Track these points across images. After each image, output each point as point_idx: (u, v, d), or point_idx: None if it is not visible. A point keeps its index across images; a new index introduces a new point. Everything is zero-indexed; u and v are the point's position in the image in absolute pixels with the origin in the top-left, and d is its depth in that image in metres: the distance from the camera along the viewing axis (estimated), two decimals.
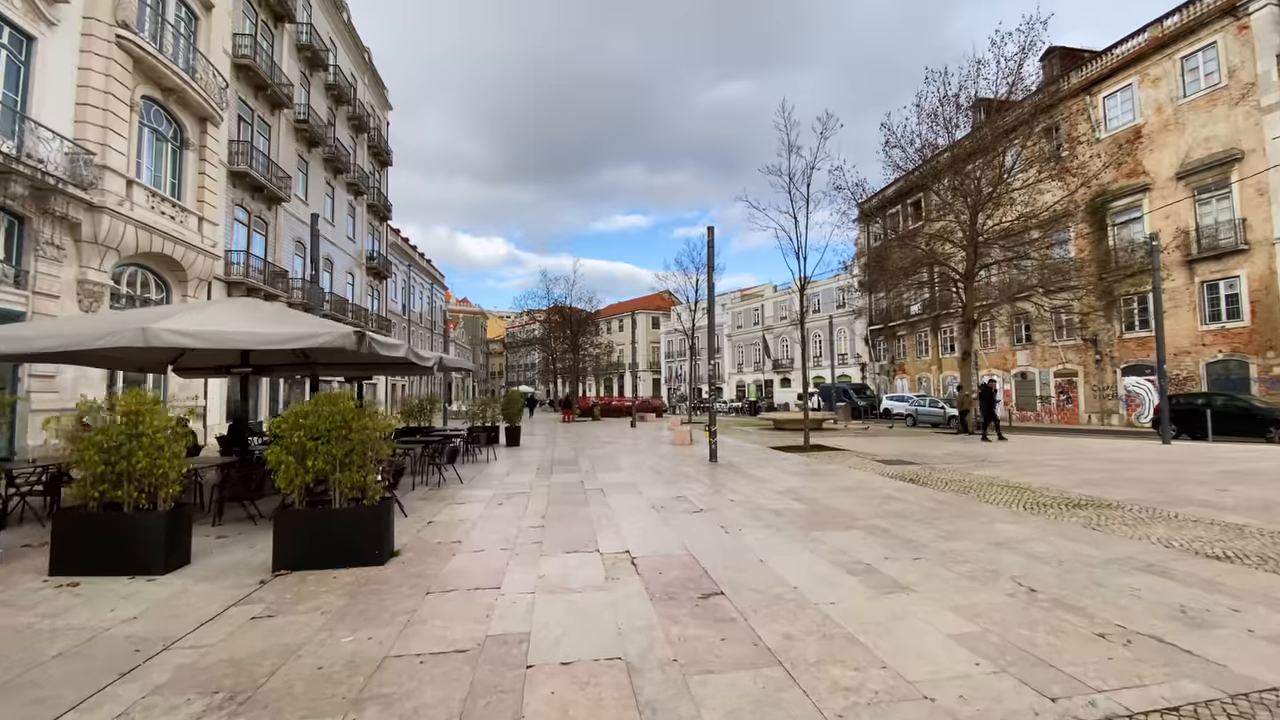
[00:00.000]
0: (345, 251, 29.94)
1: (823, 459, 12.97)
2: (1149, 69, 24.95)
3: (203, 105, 16.65)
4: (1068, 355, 28.27)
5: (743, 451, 14.92)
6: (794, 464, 12.23)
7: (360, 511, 5.61)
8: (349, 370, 13.22)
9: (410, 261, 43.73)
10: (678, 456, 13.98)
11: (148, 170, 15.34)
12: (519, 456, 14.57)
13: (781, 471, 11.10)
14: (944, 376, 35.51)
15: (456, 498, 8.93)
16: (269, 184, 20.82)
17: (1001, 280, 22.39)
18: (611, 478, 10.61)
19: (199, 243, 16.58)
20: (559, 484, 9.99)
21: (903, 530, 6.37)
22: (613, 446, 16.83)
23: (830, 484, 9.55)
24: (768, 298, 53.81)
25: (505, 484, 10.15)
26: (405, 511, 7.80)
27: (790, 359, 50.66)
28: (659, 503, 8.13)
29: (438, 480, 10.32)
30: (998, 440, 16.46)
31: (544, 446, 17.03)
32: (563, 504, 8.19)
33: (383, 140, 36.19)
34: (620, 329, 64.17)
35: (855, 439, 18.38)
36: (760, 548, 5.71)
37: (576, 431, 23.92)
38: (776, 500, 8.18)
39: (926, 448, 15.44)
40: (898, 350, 40.12)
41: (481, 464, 13.10)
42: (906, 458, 13.03)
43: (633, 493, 9.01)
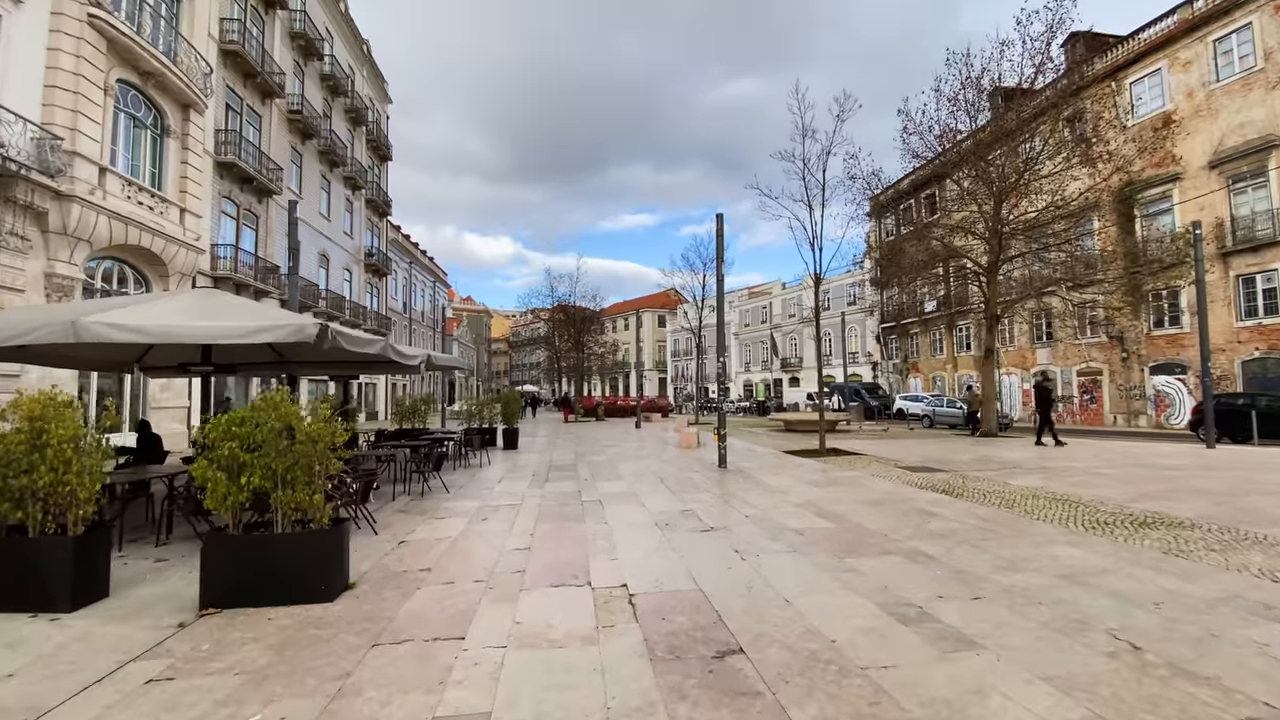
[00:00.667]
0: (342, 247, 29.16)
1: (841, 465, 12.00)
2: (1179, 52, 23.80)
3: (184, 91, 15.85)
4: (1091, 353, 27.13)
5: (754, 456, 13.97)
6: (811, 471, 11.28)
7: (305, 538, 4.73)
8: (332, 369, 12.38)
9: (411, 259, 42.98)
10: (684, 461, 13.05)
11: (124, 158, 14.55)
12: (515, 461, 13.68)
13: (798, 480, 10.14)
14: (959, 375, 34.41)
15: (439, 510, 8.05)
16: (259, 176, 20.03)
17: (1024, 274, 21.32)
18: (612, 487, 9.69)
19: (181, 235, 15.79)
20: (554, 494, 9.09)
21: (950, 557, 5.42)
22: (615, 450, 15.92)
23: (855, 495, 8.59)
24: (776, 295, 52.74)
25: (495, 494, 9.25)
26: (376, 528, 6.92)
27: (799, 358, 49.60)
28: (663, 518, 7.20)
29: (421, 489, 9.43)
30: (1054, 445, 14.98)
31: (543, 450, 16.13)
32: (555, 520, 7.28)
33: (382, 134, 35.42)
34: (626, 328, 63.30)
35: (873, 442, 17.39)
36: (784, 580, 4.77)
37: (579, 433, 23.02)
38: (796, 515, 7.23)
39: (951, 452, 14.43)
40: (911, 348, 39.02)
41: (474, 470, 12.22)
42: (932, 463, 12.04)
43: (634, 505, 8.09)
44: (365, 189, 32.05)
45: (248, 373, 12.67)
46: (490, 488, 9.88)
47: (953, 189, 21.24)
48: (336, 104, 28.51)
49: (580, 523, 7.04)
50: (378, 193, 34.16)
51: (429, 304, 48.13)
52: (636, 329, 28.75)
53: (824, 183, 14.17)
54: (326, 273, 27.19)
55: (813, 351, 47.83)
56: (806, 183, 14.34)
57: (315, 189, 25.93)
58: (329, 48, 27.12)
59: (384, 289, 35.82)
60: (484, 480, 10.71)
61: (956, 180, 20.16)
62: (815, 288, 14.30)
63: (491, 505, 8.28)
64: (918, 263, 21.94)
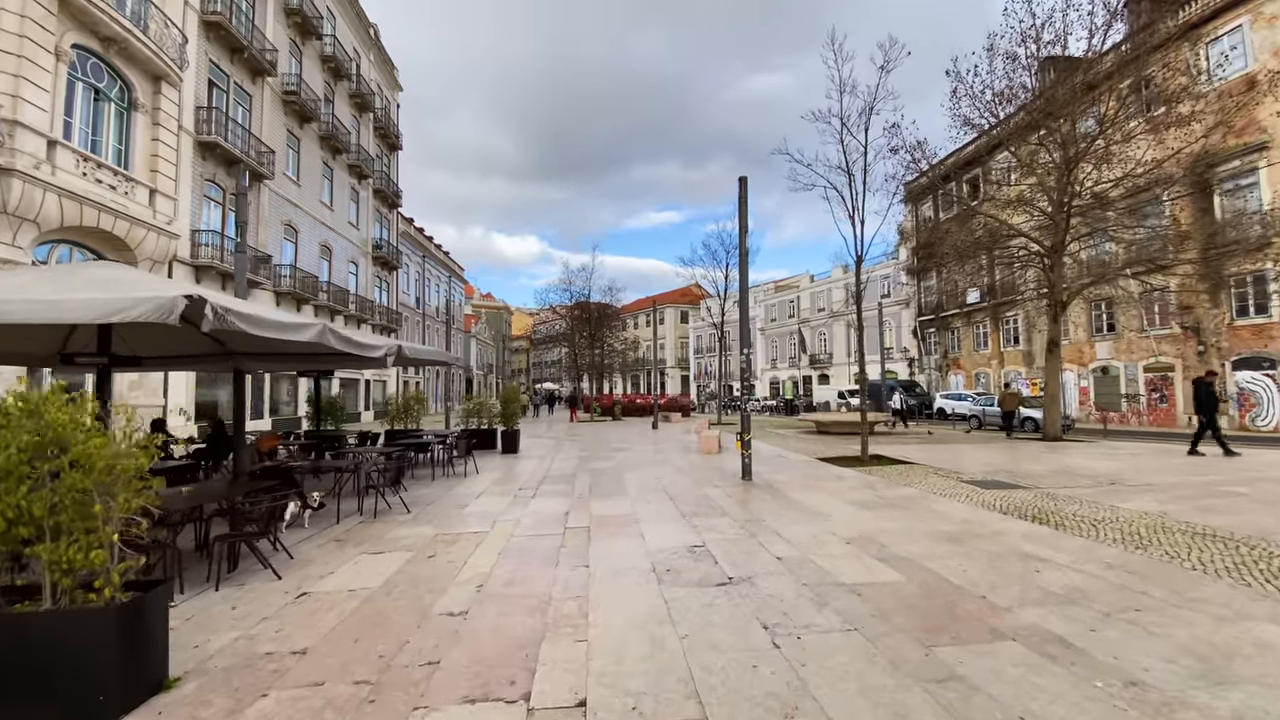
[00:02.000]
0: (347, 238, 27.86)
1: (891, 477, 9.97)
2: (1263, 7, 21.01)
3: (154, 61, 14.46)
4: (1161, 346, 24.37)
5: (784, 464, 12.00)
6: (855, 485, 9.28)
7: (84, 617, 3.00)
8: (290, 363, 10.78)
9: (425, 253, 41.73)
10: (702, 471, 11.15)
11: (81, 131, 13.18)
12: (509, 468, 11.94)
13: (842, 499, 8.16)
14: (1006, 371, 31.75)
15: (383, 539, 6.32)
16: (246, 158, 18.66)
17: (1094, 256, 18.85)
18: (609, 507, 7.85)
19: (150, 218, 14.41)
20: (534, 518, 7.28)
21: (1102, 645, 3.45)
22: (625, 454, 14.08)
23: (921, 524, 6.60)
24: (804, 289, 50.27)
25: (464, 516, 7.49)
26: (285, 568, 5.21)
27: (829, 354, 47.10)
28: (665, 560, 5.34)
29: (376, 507, 7.71)
30: (1225, 454, 11.94)
31: (544, 454, 14.38)
32: (520, 560, 5.47)
33: (392, 123, 34.12)
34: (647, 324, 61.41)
35: (919, 447, 15.24)
36: (846, 701, 2.87)
37: (590, 434, 21.26)
38: (848, 558, 5.30)
39: (1017, 460, 12.26)
40: (951, 343, 36.35)
41: (455, 480, 10.50)
42: (1002, 476, 9.93)
43: (631, 537, 6.24)
44: (372, 178, 30.74)
45: (182, 366, 11.17)
46: (463, 505, 8.12)
47: (1008, 160, 18.86)
48: (340, 88, 27.19)
49: (551, 568, 5.21)
50: (387, 183, 32.85)
51: (444, 299, 46.89)
52: (654, 323, 26.80)
53: (866, 144, 12.12)
54: (329, 264, 25.89)
55: (843, 347, 45.34)
56: (845, 146, 12.32)
57: (315, 176, 24.61)
58: (330, 28, 25.78)
59: (394, 283, 34.55)
60: (460, 495, 8.96)
61: (1013, 150, 17.79)
62: (856, 268, 12.24)
63: (450, 534, 6.51)
64: (967, 245, 19.57)
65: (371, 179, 30.72)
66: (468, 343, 56.05)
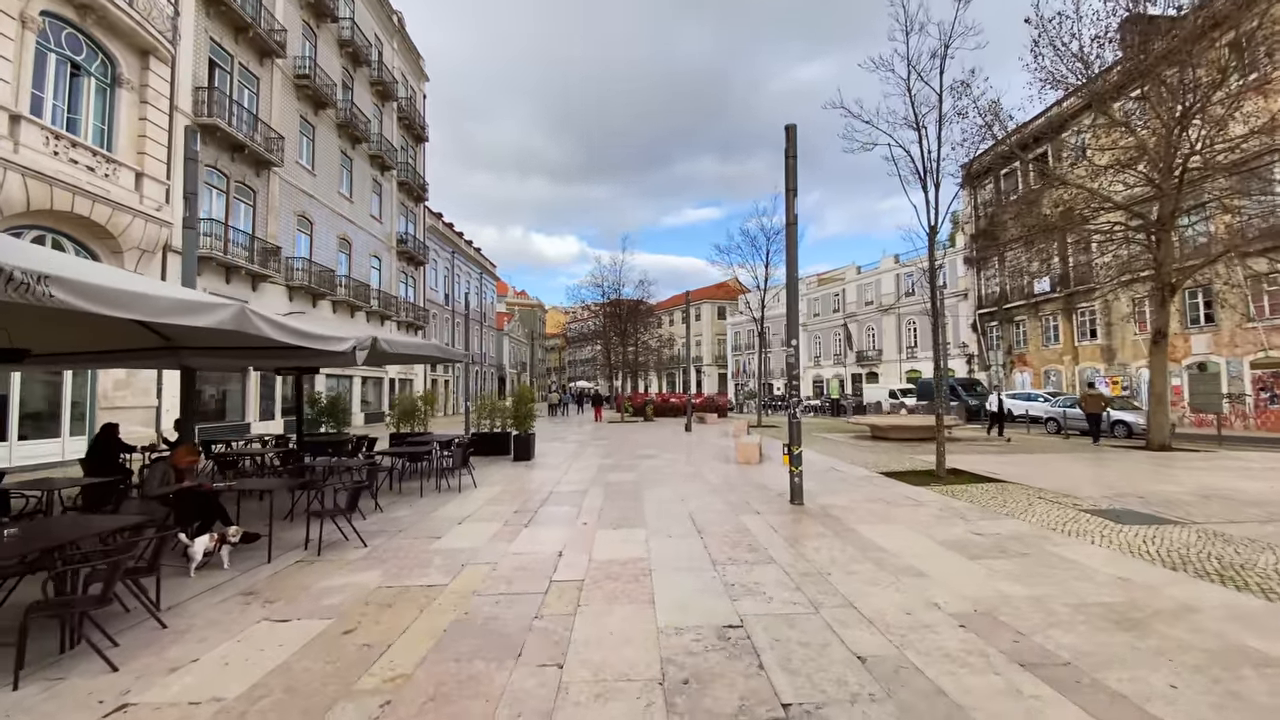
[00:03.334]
0: (369, 231, 26.80)
1: (983, 501, 7.85)
2: None
3: (139, 33, 13.33)
4: (1272, 339, 21.13)
5: (841, 482, 9.96)
6: (940, 514, 7.21)
7: None
8: (255, 359, 9.31)
9: (454, 248, 40.70)
10: (740, 488, 9.22)
11: (53, 106, 12.08)
12: (514, 480, 10.24)
13: (930, 537, 6.13)
14: (1081, 369, 28.60)
15: (311, 589, 4.71)
16: (252, 143, 17.55)
17: (1198, 231, 16.05)
18: (617, 544, 6.02)
19: (135, 204, 13.29)
20: (516, 562, 5.50)
21: None
22: (651, 464, 12.25)
23: (1059, 587, 4.54)
24: (849, 281, 47.37)
25: (429, 553, 5.78)
26: (120, 658, 3.56)
27: (878, 350, 44.14)
28: (681, 655, 3.47)
29: (321, 538, 6.07)
30: None
31: (560, 463, 12.66)
32: (467, 648, 3.69)
33: (417, 113, 33.05)
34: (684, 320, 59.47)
35: (1002, 458, 12.93)
36: None
37: (618, 436, 19.49)
38: (973, 665, 3.33)
39: (1133, 476, 9.90)
40: (1015, 338, 33.20)
41: (449, 494, 8.85)
42: (1131, 501, 7.69)
43: (637, 600, 4.39)
44: (396, 170, 29.67)
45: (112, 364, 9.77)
46: (436, 536, 6.42)
47: (1097, 124, 16.20)
48: (359, 75, 26.11)
49: (509, 662, 3.41)
50: (413, 176, 31.79)
51: (474, 296, 45.87)
52: (688, 317, 24.79)
53: (941, 90, 9.93)
54: (349, 258, 24.82)
55: (894, 343, 42.40)
56: (913, 96, 10.17)
57: (332, 165, 23.53)
58: (349, 11, 24.69)
59: (421, 279, 33.51)
60: (441, 519, 7.28)
61: (1107, 111, 15.17)
62: (930, 240, 10.07)
63: (396, 587, 4.80)
64: (1041, 226, 16.95)
65: (395, 171, 29.65)
66: (500, 341, 55.11)
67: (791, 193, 7.82)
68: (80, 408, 12.78)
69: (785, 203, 7.83)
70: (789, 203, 7.82)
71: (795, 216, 7.83)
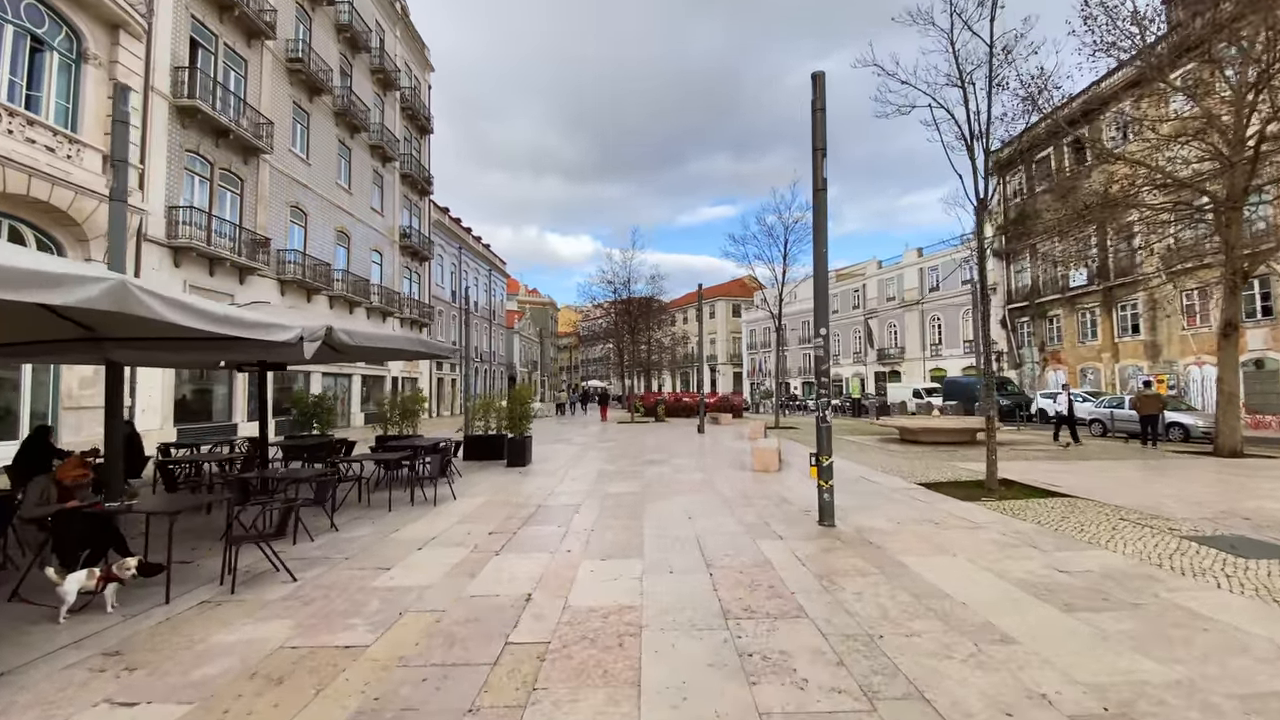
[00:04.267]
0: (369, 225, 25.84)
1: (1053, 523, 6.51)
2: None
3: (106, 5, 12.37)
4: None
5: (877, 495, 8.65)
6: (1005, 541, 5.89)
7: None
8: (192, 353, 8.20)
9: (461, 244, 39.76)
10: (758, 502, 7.96)
11: (11, 82, 11.13)
12: (500, 491, 9.06)
13: (1001, 576, 4.82)
14: (1122, 367, 26.82)
15: (193, 649, 3.57)
16: (238, 128, 16.60)
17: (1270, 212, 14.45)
18: (603, 583, 4.79)
19: (102, 188, 12.33)
20: (468, 610, 4.29)
21: None
22: (657, 471, 11.01)
23: (1212, 665, 3.23)
24: (870, 276, 45.65)
25: (366, 593, 4.59)
26: None
27: (900, 347, 42.40)
28: None
29: (235, 567, 4.92)
30: None
31: (557, 469, 11.47)
32: None
33: (421, 104, 32.10)
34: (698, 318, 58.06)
35: (1055, 465, 11.52)
36: None
37: (625, 438, 18.28)
38: None
39: (1223, 488, 8.47)
40: (1048, 334, 31.41)
41: (422, 507, 7.69)
42: (1237, 524, 6.30)
43: (617, 679, 3.15)
44: (398, 161, 28.72)
45: (23, 359, 8.72)
46: (385, 568, 5.25)
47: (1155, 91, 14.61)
48: (358, 62, 25.16)
49: None
50: (417, 168, 30.85)
51: (483, 294, 44.94)
52: (699, 312, 23.41)
53: (992, 41, 8.55)
54: (347, 251, 23.88)
55: (917, 340, 40.66)
56: (957, 50, 8.80)
57: (328, 155, 22.58)
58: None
59: (426, 275, 32.57)
60: (398, 543, 6.11)
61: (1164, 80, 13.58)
62: (978, 215, 8.69)
63: (305, 648, 3.62)
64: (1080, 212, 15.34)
65: (398, 163, 28.70)
66: (510, 339, 54.18)
67: (820, 152, 6.53)
68: (41, 407, 11.85)
69: (813, 164, 6.55)
70: (817, 164, 6.53)
71: (824, 181, 6.54)
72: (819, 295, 6.65)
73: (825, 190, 6.55)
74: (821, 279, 6.54)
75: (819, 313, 6.59)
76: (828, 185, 6.55)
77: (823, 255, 6.49)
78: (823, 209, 6.52)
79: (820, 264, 6.58)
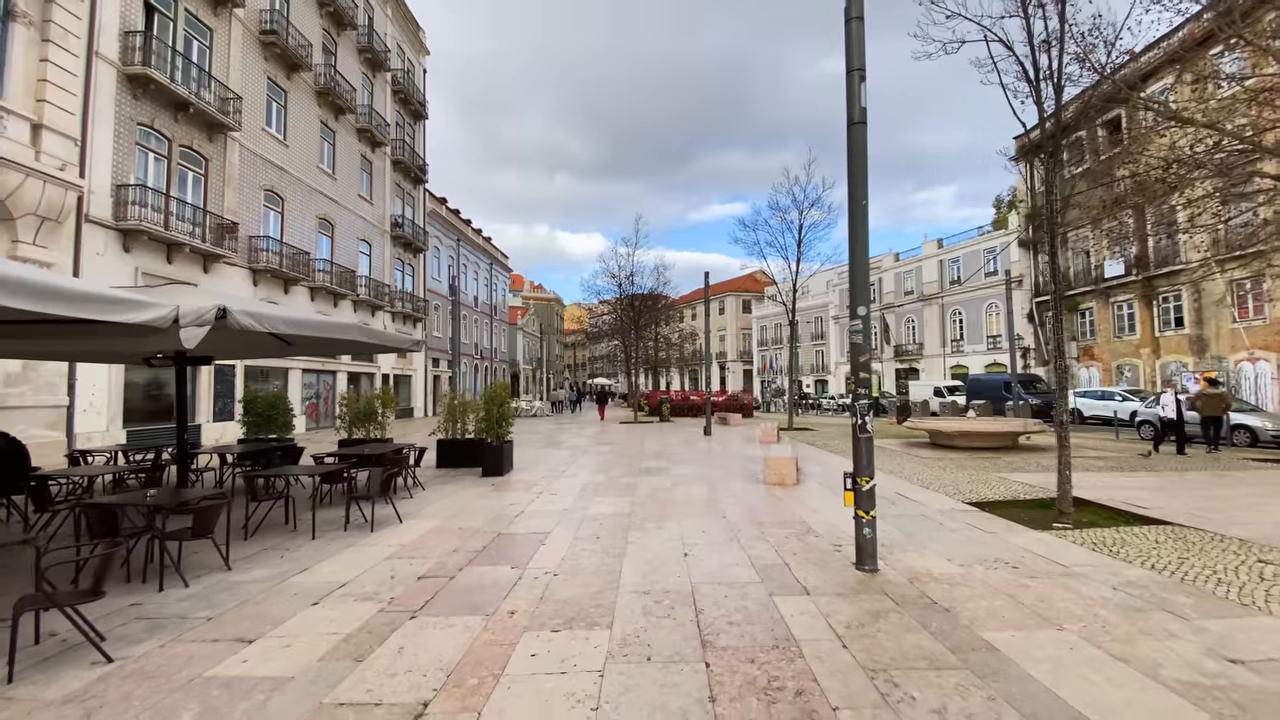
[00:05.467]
0: (355, 212, 24.39)
1: (1173, 567, 4.86)
2: None
3: None
4: None
5: (923, 520, 7.02)
6: (1119, 598, 4.26)
7: None
8: (54, 339, 6.72)
9: (460, 236, 38.28)
10: (772, 533, 6.36)
11: None
12: (456, 514, 7.52)
13: (1151, 675, 3.19)
14: (1163, 363, 24.87)
15: None
16: (199, 101, 15.15)
17: None
18: (545, 687, 3.20)
19: (30, 160, 10.93)
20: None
21: None
22: (653, 483, 9.43)
23: None
24: (886, 269, 43.70)
25: (179, 702, 3.03)
26: None
27: (918, 344, 40.47)
28: None
29: (37, 635, 3.38)
30: None
31: (538, 479, 9.92)
32: None
33: (415, 88, 30.62)
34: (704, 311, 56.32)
35: (1132, 480, 9.82)
36: None
37: (624, 441, 16.70)
38: None
39: None
40: (1080, 329, 29.45)
41: (355, 535, 6.15)
42: None
43: None
44: (389, 147, 27.27)
45: None
46: (242, 643, 3.70)
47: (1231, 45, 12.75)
48: (344, 39, 23.69)
49: None
50: (411, 155, 29.38)
51: (483, 288, 43.48)
52: (706, 303, 21.69)
53: None
54: (331, 240, 22.44)
55: (937, 336, 38.72)
56: None
57: (309, 136, 21.13)
58: None
59: (420, 268, 31.13)
60: (288, 594, 4.56)
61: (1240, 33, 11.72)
62: (1048, 173, 7.00)
63: None
64: (1199, 159, 13.43)
65: (388, 148, 27.24)
66: (513, 335, 52.74)
67: (857, 74, 4.91)
68: None
69: (847, 89, 4.93)
70: (852, 90, 4.91)
71: (863, 112, 4.92)
72: (856, 266, 5.03)
73: (864, 123, 4.92)
74: (859, 236, 4.90)
75: (856, 288, 4.98)
76: (866, 116, 4.92)
77: (862, 209, 4.87)
78: (860, 147, 4.89)
79: (859, 224, 4.95)
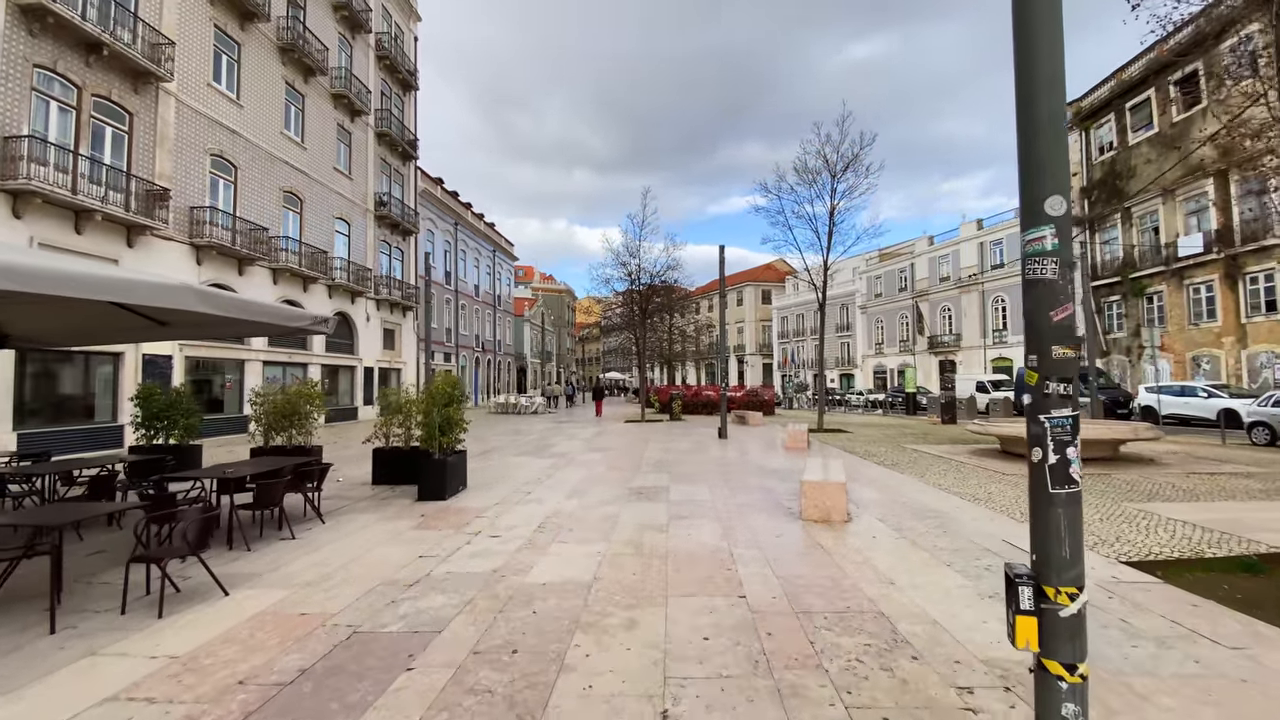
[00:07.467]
0: (330, 187, 21.93)
1: None
2: None
3: None
4: None
5: (1122, 631, 4.20)
6: None
7: None
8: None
9: (457, 219, 35.79)
10: (829, 644, 3.65)
11: None
12: (315, 582, 4.92)
13: None
14: (1250, 353, 21.53)
15: None
16: (115, 43, 12.74)
17: None
18: None
19: None
20: None
21: None
22: (642, 516, 6.75)
23: None
24: (919, 254, 40.35)
25: None
26: None
27: (955, 334, 37.14)
28: None
29: None
30: None
31: (488, 508, 7.30)
32: None
33: (404, 56, 28.12)
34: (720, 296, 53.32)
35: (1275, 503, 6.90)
36: None
37: (623, 445, 14.03)
38: None
39: None
40: (1146, 316, 26.08)
41: (138, 619, 3.57)
42: None
43: None
44: (371, 117, 24.79)
45: None
46: None
47: None
48: None
49: None
50: (398, 128, 26.92)
51: (485, 277, 41.02)
52: (722, 291, 18.66)
53: None
54: (299, 217, 20.04)
55: (976, 325, 35.39)
56: None
57: (271, 98, 18.69)
58: None
59: (410, 252, 28.71)
60: None
61: None
62: None
63: None
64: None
65: (370, 118, 24.77)
66: (519, 328, 50.32)
67: None
68: None
69: None
70: None
71: None
72: (1039, 114, 2.27)
73: None
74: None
75: (1043, 154, 2.22)
76: None
77: None
78: None
79: None
